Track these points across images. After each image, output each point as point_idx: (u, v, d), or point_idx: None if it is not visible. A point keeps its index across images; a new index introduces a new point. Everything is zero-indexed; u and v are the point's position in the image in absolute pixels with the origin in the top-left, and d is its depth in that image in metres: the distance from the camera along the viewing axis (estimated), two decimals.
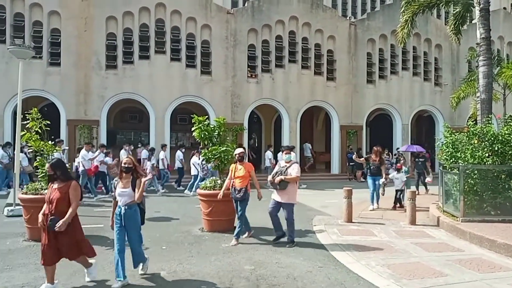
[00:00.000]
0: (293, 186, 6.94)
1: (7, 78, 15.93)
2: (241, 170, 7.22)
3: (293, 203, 7.02)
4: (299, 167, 7.11)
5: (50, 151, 7.07)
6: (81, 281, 5.12)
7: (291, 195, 6.92)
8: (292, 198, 6.98)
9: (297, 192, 7.14)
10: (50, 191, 4.86)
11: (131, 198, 5.02)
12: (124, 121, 21.94)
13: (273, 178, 6.88)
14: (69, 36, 16.78)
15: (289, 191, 6.87)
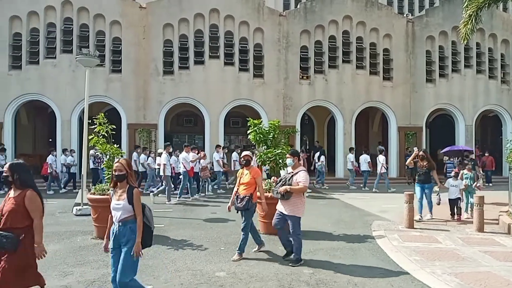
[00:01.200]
0: (299, 197, 6.06)
1: (74, 86, 17.03)
2: (247, 176, 6.42)
3: (297, 215, 6.04)
4: (307, 174, 6.08)
5: (116, 154, 7.43)
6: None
7: (296, 206, 6.02)
8: (297, 210, 6.02)
9: (304, 203, 6.17)
10: (5, 200, 3.93)
11: (127, 213, 4.13)
12: (180, 124, 22.67)
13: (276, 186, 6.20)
14: (129, 44, 17.62)
15: (293, 202, 6.00)
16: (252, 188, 6.34)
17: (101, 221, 7.29)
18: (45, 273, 5.35)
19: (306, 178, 5.98)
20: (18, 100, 17.11)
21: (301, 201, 6.07)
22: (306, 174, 6.04)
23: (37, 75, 17.11)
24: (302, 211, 6.11)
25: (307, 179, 5.98)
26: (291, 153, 6.33)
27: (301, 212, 6.07)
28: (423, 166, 9.57)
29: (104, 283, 5.05)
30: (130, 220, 4.16)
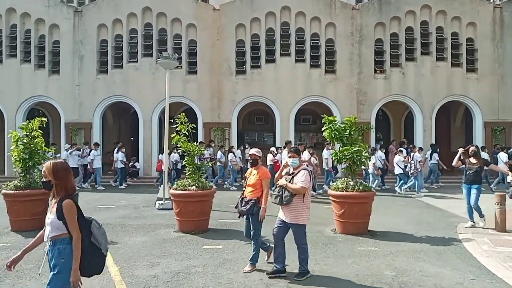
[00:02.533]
0: (301, 201, 5.11)
1: (154, 87, 18.08)
2: (254, 177, 5.70)
3: (300, 223, 5.18)
4: (308, 174, 5.19)
5: (197, 152, 7.76)
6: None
7: (298, 212, 5.12)
8: (300, 216, 5.14)
9: (309, 208, 5.26)
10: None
11: (55, 230, 3.20)
12: (251, 123, 23.04)
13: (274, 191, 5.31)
14: (204, 46, 18.27)
15: (295, 207, 5.11)
16: (259, 191, 5.60)
17: (182, 215, 7.66)
18: (135, 263, 5.78)
19: (306, 178, 5.09)
20: (105, 102, 18.56)
21: (304, 206, 5.15)
22: (307, 174, 5.15)
23: (121, 78, 18.42)
24: (306, 217, 5.22)
25: (307, 179, 5.09)
26: (294, 151, 5.33)
27: (305, 219, 5.19)
28: (474, 164, 8.28)
29: (188, 275, 5.29)
30: (60, 240, 3.19)
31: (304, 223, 5.22)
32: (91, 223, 3.34)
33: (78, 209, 3.29)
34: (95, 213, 9.90)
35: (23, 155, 7.89)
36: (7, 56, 18.62)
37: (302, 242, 5.25)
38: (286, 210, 5.19)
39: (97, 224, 3.39)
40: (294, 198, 5.07)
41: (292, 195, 5.05)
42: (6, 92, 18.32)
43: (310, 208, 5.29)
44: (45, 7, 18.41)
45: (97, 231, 3.34)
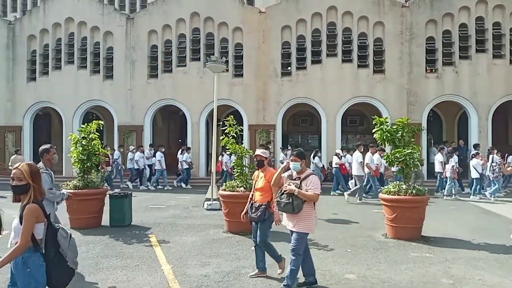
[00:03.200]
0: (311, 208, 4.72)
1: (201, 91, 18.46)
2: (261, 180, 5.40)
3: (306, 232, 4.75)
4: (319, 180, 4.83)
5: (244, 154, 7.84)
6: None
7: (308, 220, 4.70)
8: (309, 224, 4.72)
9: (316, 217, 4.84)
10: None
11: (17, 236, 2.91)
12: (296, 124, 22.94)
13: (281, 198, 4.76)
14: (250, 49, 18.43)
15: (305, 216, 4.67)
16: (269, 195, 5.24)
17: (231, 216, 7.75)
18: (186, 262, 5.92)
19: (318, 184, 4.69)
20: (155, 105, 19.20)
21: (314, 214, 4.76)
22: (318, 179, 4.78)
23: (170, 82, 18.98)
24: (315, 225, 4.84)
25: (318, 185, 4.70)
26: (297, 154, 4.83)
27: (312, 227, 4.77)
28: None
29: (238, 276, 5.35)
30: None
31: (311, 231, 4.80)
32: (57, 232, 3.01)
33: (46, 216, 2.97)
34: (147, 213, 10.27)
35: (82, 156, 8.33)
36: (66, 63, 19.76)
37: (299, 251, 4.73)
38: (294, 218, 4.70)
39: (64, 233, 3.05)
40: (305, 205, 4.64)
41: (303, 202, 4.61)
42: (64, 96, 19.45)
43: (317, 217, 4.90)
44: (100, 15, 19.38)
45: (64, 241, 3.02)
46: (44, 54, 20.02)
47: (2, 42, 20.13)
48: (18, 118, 19.96)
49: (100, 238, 7.49)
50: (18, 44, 20.04)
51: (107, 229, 8.27)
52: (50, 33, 19.81)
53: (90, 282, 5.10)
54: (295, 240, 4.71)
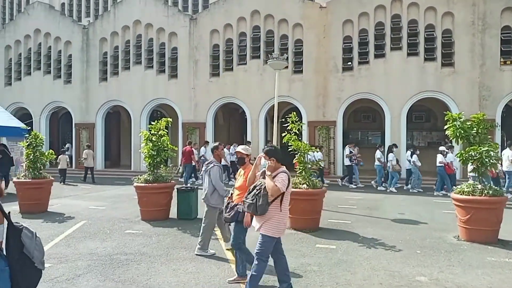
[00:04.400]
0: (277, 209, 4.28)
1: (261, 88, 18.63)
2: (241, 178, 5.06)
3: (270, 235, 4.30)
4: (288, 177, 4.32)
5: (306, 151, 7.80)
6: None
7: (273, 223, 4.29)
8: (274, 227, 4.29)
9: (285, 220, 4.42)
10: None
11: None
12: (357, 121, 22.37)
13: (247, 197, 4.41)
14: (310, 44, 18.26)
15: (271, 217, 4.28)
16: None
17: (294, 213, 7.72)
18: None
19: (284, 181, 4.24)
20: (217, 103, 19.68)
21: (281, 217, 4.33)
22: (286, 176, 4.31)
23: (231, 80, 19.35)
24: (283, 229, 4.40)
25: (284, 181, 4.25)
26: (266, 152, 4.44)
27: (281, 231, 4.36)
28: None
29: (304, 273, 5.34)
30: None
31: (277, 235, 4.35)
32: (22, 232, 2.79)
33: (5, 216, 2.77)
34: None
35: (152, 152, 8.76)
36: (134, 63, 20.87)
37: (263, 255, 4.33)
38: (261, 219, 4.33)
39: (29, 233, 2.84)
40: (270, 206, 4.25)
41: (267, 203, 4.22)
42: (133, 95, 20.57)
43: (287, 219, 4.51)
44: (165, 17, 20.20)
45: (29, 241, 2.81)
46: (114, 56, 21.28)
47: (77, 45, 21.69)
48: (91, 116, 21.42)
49: (169, 230, 7.83)
50: (91, 47, 21.48)
51: (175, 221, 8.64)
52: (120, 35, 21.01)
53: (162, 272, 5.35)
54: (259, 243, 4.34)
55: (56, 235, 7.36)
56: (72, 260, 5.81)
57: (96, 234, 7.50)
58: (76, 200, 11.81)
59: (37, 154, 9.77)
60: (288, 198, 4.43)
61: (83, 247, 6.52)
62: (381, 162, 14.96)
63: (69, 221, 8.70)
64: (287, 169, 4.44)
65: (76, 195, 12.92)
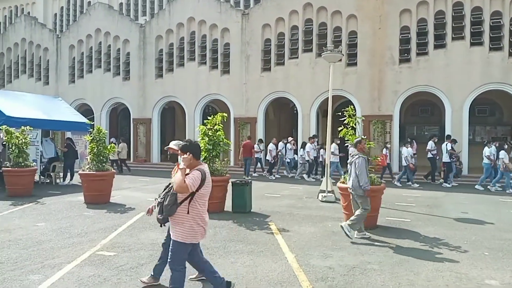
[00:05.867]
0: (184, 212, 3.83)
1: (312, 82, 18.39)
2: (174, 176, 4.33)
3: (180, 240, 3.85)
4: (201, 175, 3.80)
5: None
6: None
7: (182, 227, 3.84)
8: (182, 232, 3.84)
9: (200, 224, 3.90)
10: None
11: None
12: (415, 115, 21.46)
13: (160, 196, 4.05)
14: (365, 36, 17.71)
15: (179, 219, 3.84)
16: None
17: (351, 210, 7.55)
18: (308, 252, 5.93)
19: (196, 178, 3.73)
20: (268, 97, 19.70)
21: (191, 219, 3.83)
22: (200, 174, 3.77)
23: (282, 74, 19.26)
24: (192, 235, 3.87)
25: (196, 179, 3.73)
26: (182, 147, 3.97)
27: (189, 237, 3.85)
28: None
29: (364, 271, 5.19)
30: None
31: (186, 240, 3.85)
32: None
33: None
34: (264, 201, 10.61)
35: (208, 146, 8.92)
36: (188, 60, 21.38)
37: (175, 264, 3.90)
38: (172, 222, 3.93)
39: None
40: (180, 208, 3.83)
41: (175, 203, 3.82)
42: (187, 91, 21.10)
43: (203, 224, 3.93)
44: (218, 13, 20.48)
45: None
46: (169, 53, 21.93)
47: (134, 43, 22.58)
48: (148, 111, 22.25)
49: (224, 222, 7.95)
50: (147, 44, 22.28)
51: (229, 214, 8.76)
52: (175, 32, 21.60)
53: (221, 264, 5.43)
54: (170, 251, 3.91)
55: (119, 225, 7.71)
56: (135, 249, 6.06)
57: (155, 225, 7.73)
58: (135, 192, 12.34)
59: (100, 147, 10.29)
60: (204, 200, 3.91)
61: (145, 237, 6.78)
62: (491, 160, 13.54)
63: (130, 212, 9.09)
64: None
65: (134, 187, 13.49)
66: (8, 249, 5.58)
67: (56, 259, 5.51)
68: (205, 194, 3.89)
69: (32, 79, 25.90)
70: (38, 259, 5.53)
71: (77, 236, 6.80)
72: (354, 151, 7.03)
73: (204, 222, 3.94)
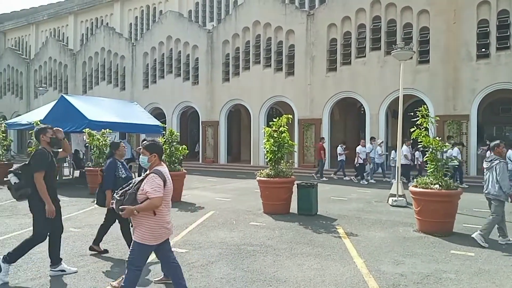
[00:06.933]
0: (147, 214, 3.70)
1: (381, 81, 17.76)
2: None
3: (140, 241, 3.74)
4: (161, 180, 3.66)
5: (439, 148, 7.16)
6: None
7: (142, 228, 3.73)
8: (144, 233, 3.73)
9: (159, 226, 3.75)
10: None
11: None
12: (495, 114, 19.88)
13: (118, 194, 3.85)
14: (438, 32, 16.75)
15: (140, 220, 3.73)
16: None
17: (424, 215, 7.21)
18: (378, 258, 5.74)
19: (156, 184, 3.64)
20: (333, 98, 19.38)
21: (156, 222, 3.74)
22: (158, 178, 3.67)
23: (348, 74, 18.84)
24: (150, 236, 3.74)
25: (158, 186, 3.63)
26: (146, 147, 3.87)
27: (145, 237, 3.73)
28: None
29: (439, 280, 4.91)
30: None
31: (146, 242, 3.75)
32: None
33: None
34: (330, 204, 10.45)
35: (273, 148, 9.00)
36: (253, 63, 21.72)
37: (134, 264, 3.79)
38: (132, 221, 3.90)
39: None
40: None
41: (133, 203, 3.69)
42: (252, 94, 21.44)
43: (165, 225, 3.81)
44: (283, 15, 20.56)
45: None
46: (235, 57, 22.44)
47: (203, 49, 23.41)
48: (216, 114, 22.94)
49: (290, 224, 7.96)
50: (215, 49, 22.98)
51: (295, 216, 8.75)
52: (240, 37, 22.06)
53: (287, 266, 5.45)
54: (130, 250, 3.86)
55: (190, 223, 8.04)
56: (205, 247, 6.29)
57: (224, 224, 8.00)
58: (204, 192, 12.79)
59: (172, 149, 10.80)
60: (166, 201, 3.80)
61: (214, 236, 7.00)
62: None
63: (200, 210, 9.44)
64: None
65: (204, 187, 13.98)
66: (91, 243, 6.06)
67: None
68: (166, 195, 3.80)
69: (110, 85, 27.92)
70: (118, 254, 5.95)
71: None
72: (491, 155, 6.76)
73: (166, 222, 3.84)
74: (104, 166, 5.97)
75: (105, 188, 5.71)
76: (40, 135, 4.94)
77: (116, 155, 5.98)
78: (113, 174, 5.75)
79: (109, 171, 5.76)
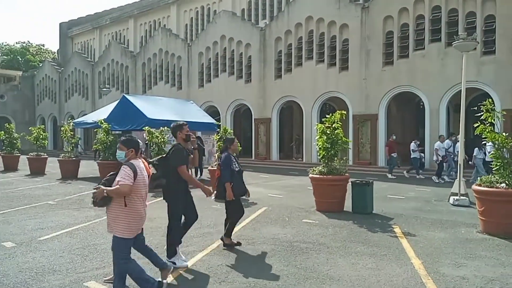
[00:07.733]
0: (121, 205, 3.83)
1: (442, 74, 16.89)
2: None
3: (119, 236, 3.87)
4: (131, 171, 3.80)
5: (505, 144, 6.69)
6: None
7: (116, 221, 3.87)
8: (117, 226, 3.87)
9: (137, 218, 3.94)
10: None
11: None
12: None
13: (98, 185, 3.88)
14: (505, 19, 15.60)
15: (115, 213, 3.87)
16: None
17: (488, 216, 6.80)
18: (438, 260, 5.50)
19: (127, 175, 3.78)
20: (390, 93, 18.74)
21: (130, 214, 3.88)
22: (128, 169, 3.82)
23: (406, 68, 18.11)
24: (127, 229, 3.88)
25: (128, 177, 3.78)
26: (123, 142, 4.01)
27: (123, 230, 3.87)
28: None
29: (505, 285, 4.61)
30: None
31: (121, 235, 3.88)
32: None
33: None
34: (386, 203, 10.14)
35: (326, 145, 8.89)
36: (306, 59, 21.54)
37: (121, 258, 3.93)
38: (107, 215, 3.99)
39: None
40: (115, 202, 3.86)
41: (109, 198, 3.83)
42: (305, 90, 21.28)
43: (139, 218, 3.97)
44: (336, 10, 20.18)
45: None
46: (288, 53, 22.39)
47: (255, 47, 23.60)
48: (268, 111, 23.06)
49: (344, 223, 7.83)
50: (267, 47, 23.07)
51: (349, 214, 8.59)
52: (293, 33, 21.96)
53: (341, 264, 5.38)
54: (112, 247, 4.01)
55: (243, 218, 8.10)
56: (258, 243, 6.37)
57: (277, 220, 8.04)
58: (257, 188, 12.91)
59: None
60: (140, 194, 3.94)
61: (267, 232, 7.07)
62: None
63: (253, 206, 9.56)
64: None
65: (256, 183, 14.12)
66: (151, 236, 6.37)
67: (189, 247, 6.10)
68: (140, 187, 3.94)
69: (167, 84, 29.01)
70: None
71: (207, 227, 7.42)
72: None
73: (141, 216, 4.01)
74: (220, 161, 6.18)
75: (224, 181, 5.96)
76: (177, 132, 5.30)
77: (230, 149, 6.22)
78: (229, 167, 5.98)
79: (226, 165, 6.00)
